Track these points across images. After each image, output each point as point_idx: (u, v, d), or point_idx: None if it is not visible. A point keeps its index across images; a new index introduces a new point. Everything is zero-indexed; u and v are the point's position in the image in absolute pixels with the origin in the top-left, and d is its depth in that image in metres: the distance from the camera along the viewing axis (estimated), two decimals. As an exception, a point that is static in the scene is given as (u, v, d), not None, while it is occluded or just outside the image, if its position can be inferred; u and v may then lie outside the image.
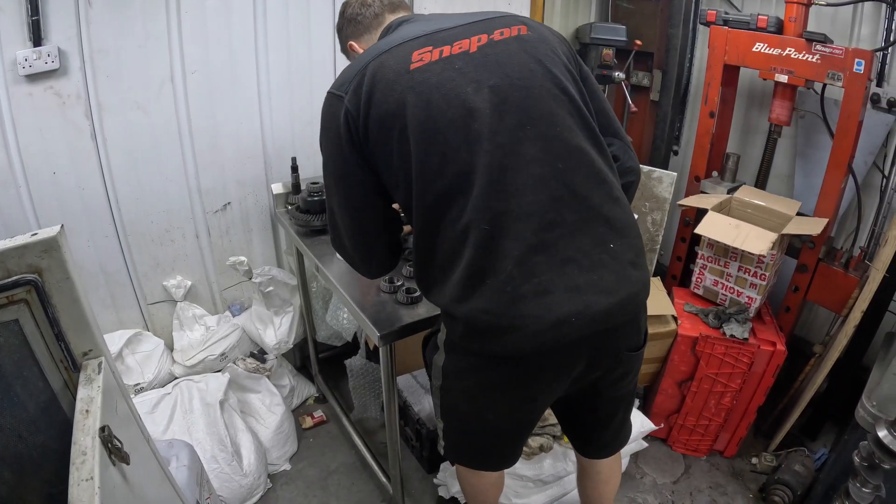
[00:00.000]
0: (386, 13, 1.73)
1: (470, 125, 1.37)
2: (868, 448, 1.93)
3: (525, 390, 1.58)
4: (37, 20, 2.08)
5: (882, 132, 2.85)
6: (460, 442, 1.82)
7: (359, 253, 1.71)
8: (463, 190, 1.38)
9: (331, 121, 1.50)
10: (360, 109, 1.43)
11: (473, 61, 1.42)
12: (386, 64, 1.43)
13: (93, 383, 1.19)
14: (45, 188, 2.33)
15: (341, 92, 1.47)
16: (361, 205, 1.60)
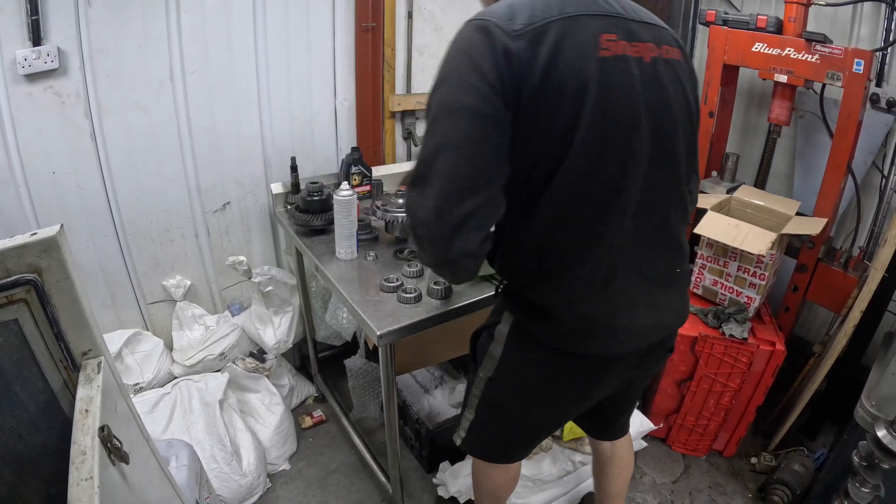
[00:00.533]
0: None
1: (633, 143, 1.35)
2: (867, 448, 1.94)
3: (585, 389, 1.65)
4: (36, 20, 2.08)
5: (881, 132, 2.85)
6: (490, 435, 1.82)
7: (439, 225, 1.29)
8: (604, 201, 1.36)
9: (483, 51, 1.25)
10: (534, 62, 1.24)
11: (646, 74, 1.36)
12: (573, 34, 1.27)
13: (92, 383, 1.19)
14: (45, 188, 2.33)
15: (507, 27, 1.25)
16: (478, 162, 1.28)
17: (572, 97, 1.25)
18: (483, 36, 1.26)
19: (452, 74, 1.28)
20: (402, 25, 2.98)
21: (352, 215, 2.25)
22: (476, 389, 1.72)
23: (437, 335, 2.39)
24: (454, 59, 1.29)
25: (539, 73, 1.24)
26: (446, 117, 1.26)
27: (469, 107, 1.23)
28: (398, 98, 3.07)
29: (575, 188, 1.32)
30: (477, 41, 1.26)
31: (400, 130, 3.22)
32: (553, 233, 1.38)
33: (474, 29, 1.29)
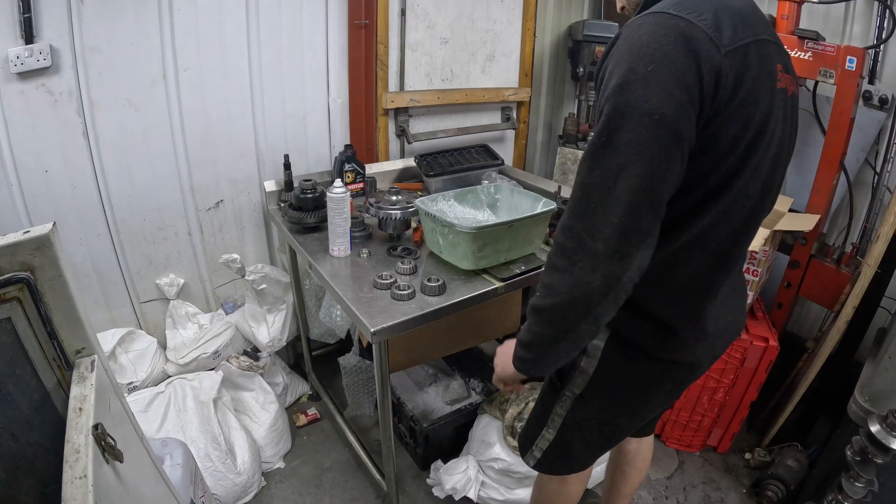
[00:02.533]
0: None
1: (775, 175, 1.36)
2: (860, 443, 1.95)
3: (675, 392, 1.68)
4: (28, 17, 2.07)
5: (874, 129, 2.86)
6: (571, 450, 1.74)
7: (624, 246, 1.17)
8: (744, 225, 1.36)
9: (690, 61, 1.12)
10: (734, 87, 1.16)
11: (785, 106, 1.32)
12: (764, 63, 1.22)
13: (86, 381, 1.18)
14: (37, 186, 2.32)
15: (716, 39, 1.14)
16: (664, 176, 1.16)
17: (755, 130, 1.21)
18: (690, 42, 1.12)
19: (651, 78, 1.12)
20: (395, 22, 2.98)
21: (345, 213, 2.25)
22: (560, 408, 1.64)
23: (432, 332, 2.39)
24: (652, 58, 1.12)
25: (736, 100, 1.17)
26: (639, 124, 1.12)
27: (668, 119, 1.11)
28: (391, 95, 3.07)
29: (726, 213, 1.29)
30: (683, 46, 1.12)
31: (393, 128, 3.22)
32: (695, 252, 1.34)
33: (679, 30, 1.13)
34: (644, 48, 1.12)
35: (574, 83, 3.90)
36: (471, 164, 3.13)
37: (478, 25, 3.32)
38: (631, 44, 1.15)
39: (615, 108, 1.13)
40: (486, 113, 3.61)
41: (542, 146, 4.17)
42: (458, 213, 2.37)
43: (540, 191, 2.76)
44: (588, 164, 1.18)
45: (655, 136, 1.12)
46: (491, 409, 2.66)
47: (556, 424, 1.67)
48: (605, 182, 1.15)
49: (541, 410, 1.73)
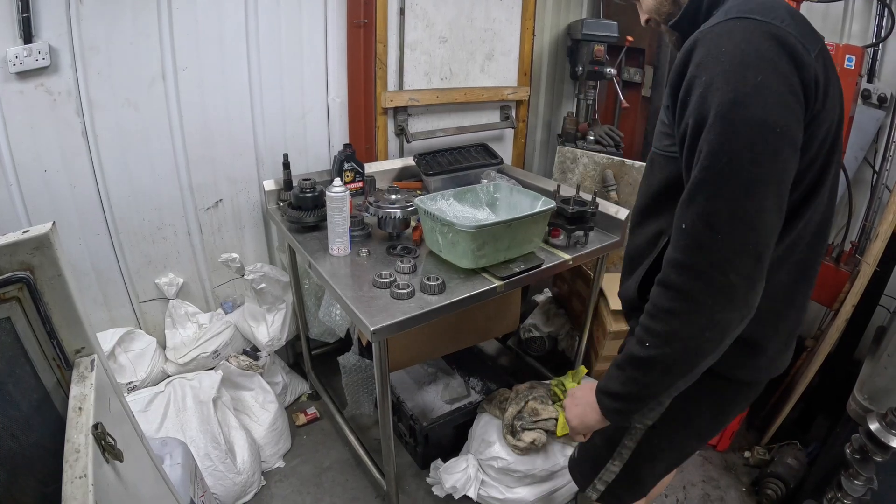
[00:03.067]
0: None
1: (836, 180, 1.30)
2: (860, 441, 1.95)
3: (744, 409, 1.65)
4: (27, 17, 2.07)
5: (873, 128, 2.86)
6: (637, 480, 1.66)
7: (759, 267, 1.11)
8: (822, 230, 1.31)
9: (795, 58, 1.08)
10: (823, 95, 1.13)
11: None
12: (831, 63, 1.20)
13: (85, 381, 1.18)
14: (37, 186, 2.32)
15: (807, 45, 1.11)
16: (787, 190, 1.12)
17: (834, 133, 1.19)
18: (789, 48, 1.08)
19: (763, 89, 1.05)
20: (394, 22, 2.97)
21: (344, 212, 2.25)
22: (629, 441, 1.55)
23: (431, 331, 2.40)
24: (759, 67, 1.06)
25: (826, 104, 1.13)
26: (764, 139, 1.05)
27: (789, 131, 1.07)
28: (390, 94, 3.07)
29: (808, 223, 1.25)
30: (783, 53, 1.07)
31: (392, 127, 3.22)
32: (783, 265, 1.28)
33: (774, 36, 1.08)
34: (746, 57, 1.06)
35: (573, 82, 3.90)
36: (470, 163, 3.13)
37: (477, 24, 3.31)
38: (728, 52, 1.08)
39: (733, 124, 1.06)
40: (485, 112, 3.61)
41: (541, 145, 4.17)
42: (458, 211, 2.37)
43: (539, 189, 2.76)
44: (708, 192, 1.10)
45: (780, 150, 1.07)
46: (490, 408, 2.66)
47: (623, 457, 1.59)
48: (734, 208, 1.07)
49: (603, 444, 1.63)
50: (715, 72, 1.07)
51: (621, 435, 1.56)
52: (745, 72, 1.05)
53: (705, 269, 1.10)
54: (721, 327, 1.13)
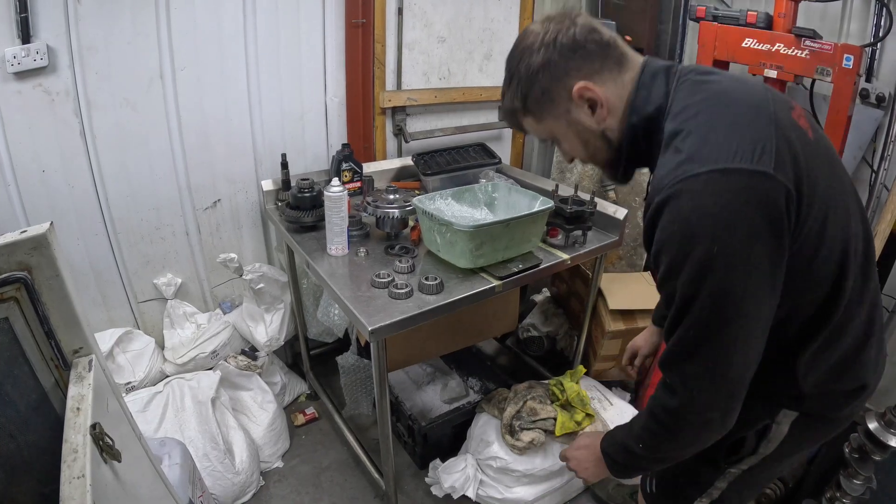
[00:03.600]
0: (619, 45, 1.25)
1: (849, 214, 1.23)
2: (859, 440, 1.95)
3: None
4: (25, 17, 2.07)
5: (871, 127, 2.86)
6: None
7: (734, 401, 1.19)
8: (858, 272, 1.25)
9: (773, 215, 1.04)
10: (797, 186, 1.07)
11: (818, 155, 1.20)
12: (784, 123, 1.13)
13: (83, 381, 1.18)
14: (35, 186, 2.32)
15: (767, 167, 1.03)
16: (766, 325, 1.14)
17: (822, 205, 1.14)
18: (749, 192, 1.03)
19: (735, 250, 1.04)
20: (392, 21, 2.97)
21: (342, 211, 2.25)
22: (721, 482, 1.52)
23: (429, 331, 2.40)
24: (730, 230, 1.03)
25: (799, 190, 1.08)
26: (738, 310, 1.09)
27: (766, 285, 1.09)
28: (389, 94, 3.07)
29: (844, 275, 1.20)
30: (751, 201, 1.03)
31: (390, 127, 3.22)
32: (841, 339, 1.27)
33: (753, 194, 1.03)
34: (727, 228, 1.03)
35: (572, 82, 3.90)
36: (468, 162, 3.13)
37: (475, 24, 3.31)
38: (709, 219, 1.04)
39: (711, 296, 1.07)
40: (483, 112, 3.61)
41: (539, 145, 4.17)
42: (456, 211, 2.37)
43: (537, 189, 2.76)
44: (685, 356, 1.17)
45: (759, 297, 1.09)
46: (489, 408, 2.66)
47: (712, 496, 1.55)
48: (710, 367, 1.14)
49: (690, 484, 1.58)
50: (696, 242, 1.05)
51: (714, 478, 1.53)
52: (728, 242, 1.04)
53: (688, 414, 1.21)
54: (702, 443, 1.26)
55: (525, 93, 1.27)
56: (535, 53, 1.21)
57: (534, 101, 1.27)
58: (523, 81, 1.25)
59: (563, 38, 1.19)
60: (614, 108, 1.25)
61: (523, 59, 1.23)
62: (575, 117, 1.26)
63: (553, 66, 1.21)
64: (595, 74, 1.22)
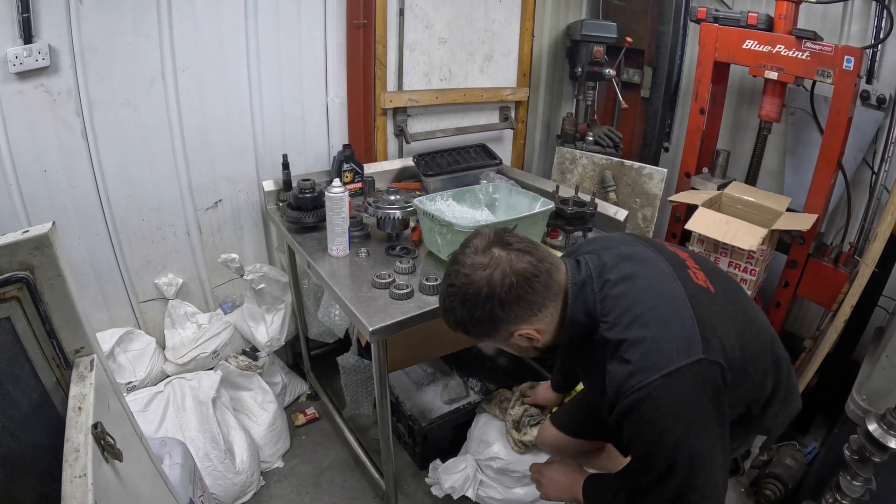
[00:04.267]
0: (552, 275, 1.42)
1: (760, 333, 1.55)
2: (858, 442, 1.95)
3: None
4: (27, 17, 2.07)
5: (871, 129, 2.87)
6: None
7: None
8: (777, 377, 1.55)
9: (713, 392, 1.30)
10: (723, 351, 1.33)
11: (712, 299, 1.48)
12: (693, 295, 1.40)
13: (85, 380, 1.18)
14: (36, 186, 2.32)
15: (699, 354, 1.29)
16: (727, 467, 1.39)
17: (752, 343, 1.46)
18: (702, 380, 1.29)
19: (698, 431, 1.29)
20: (393, 22, 2.97)
21: (343, 212, 2.26)
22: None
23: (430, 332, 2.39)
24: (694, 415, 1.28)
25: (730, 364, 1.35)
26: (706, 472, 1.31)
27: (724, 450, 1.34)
28: (390, 95, 3.07)
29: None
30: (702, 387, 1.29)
31: (391, 127, 3.22)
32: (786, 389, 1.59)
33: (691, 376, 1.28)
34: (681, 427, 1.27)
35: (572, 83, 3.90)
36: (469, 163, 3.13)
37: (476, 25, 3.32)
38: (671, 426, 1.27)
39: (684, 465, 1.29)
40: (484, 113, 3.61)
41: (540, 146, 4.17)
42: (457, 212, 2.37)
43: (538, 190, 2.76)
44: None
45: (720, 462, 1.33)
46: (489, 408, 2.66)
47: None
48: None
49: None
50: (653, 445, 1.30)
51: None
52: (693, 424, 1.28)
53: None
54: None
55: (469, 329, 1.44)
56: (479, 307, 1.36)
57: (477, 333, 1.46)
58: (468, 323, 1.42)
59: (502, 291, 1.34)
60: (548, 331, 1.45)
61: (466, 304, 1.38)
62: (514, 343, 1.47)
63: (496, 318, 1.38)
64: (532, 317, 1.40)
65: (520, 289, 1.35)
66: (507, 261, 1.35)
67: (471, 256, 1.38)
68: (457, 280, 1.39)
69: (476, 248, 1.39)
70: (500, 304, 1.36)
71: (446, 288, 1.43)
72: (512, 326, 1.41)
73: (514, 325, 1.40)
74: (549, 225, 2.42)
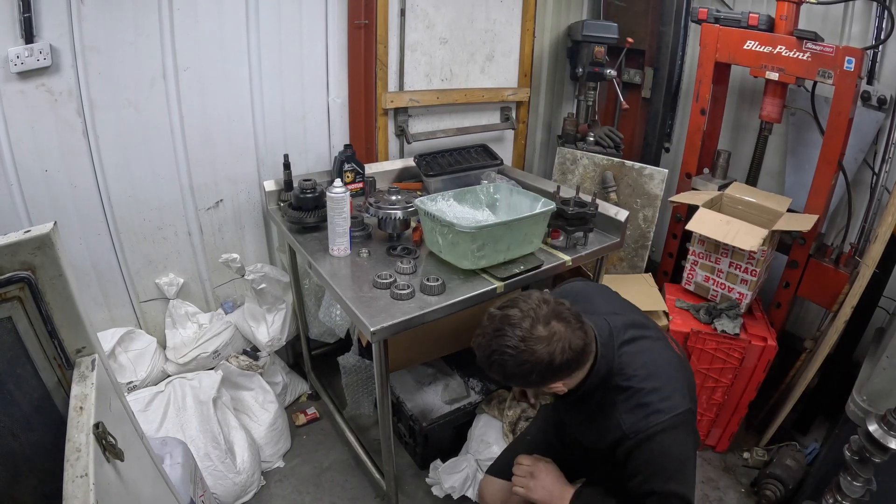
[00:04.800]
0: (588, 342, 1.62)
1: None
2: (859, 442, 1.95)
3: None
4: (29, 17, 2.07)
5: (872, 129, 2.87)
6: None
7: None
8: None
9: (692, 430, 1.68)
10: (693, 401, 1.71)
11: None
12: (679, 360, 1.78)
13: (86, 380, 1.19)
14: (37, 186, 2.32)
15: (688, 405, 1.64)
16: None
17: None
18: (691, 427, 1.67)
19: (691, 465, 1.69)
20: (394, 23, 2.97)
21: (344, 212, 2.26)
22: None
23: (431, 332, 2.40)
24: (689, 457, 1.67)
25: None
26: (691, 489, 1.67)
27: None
28: (391, 95, 3.07)
29: None
30: (690, 434, 1.66)
31: (392, 128, 3.22)
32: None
33: (683, 427, 1.62)
34: (681, 458, 1.64)
35: (573, 83, 3.90)
36: (470, 163, 3.13)
37: (477, 26, 3.31)
38: (676, 457, 1.62)
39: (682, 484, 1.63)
40: (485, 113, 3.61)
41: (541, 146, 4.17)
42: (458, 212, 2.37)
43: (539, 191, 2.76)
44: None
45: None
46: (490, 409, 2.66)
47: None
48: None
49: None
50: (670, 475, 1.61)
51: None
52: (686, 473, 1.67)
53: None
54: None
55: (512, 381, 1.66)
56: (535, 373, 1.53)
57: (518, 384, 1.80)
58: (515, 378, 1.60)
59: (559, 364, 1.53)
60: (572, 384, 1.67)
61: (522, 366, 1.52)
62: (541, 391, 1.85)
63: (545, 381, 1.60)
64: (569, 377, 1.63)
65: (573, 362, 1.56)
66: (566, 338, 1.52)
67: (533, 326, 1.51)
68: (514, 344, 1.50)
69: (537, 318, 1.52)
70: (554, 373, 1.56)
71: (502, 347, 1.51)
72: (552, 384, 1.63)
73: (552, 383, 1.62)
74: (550, 225, 2.42)
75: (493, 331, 1.54)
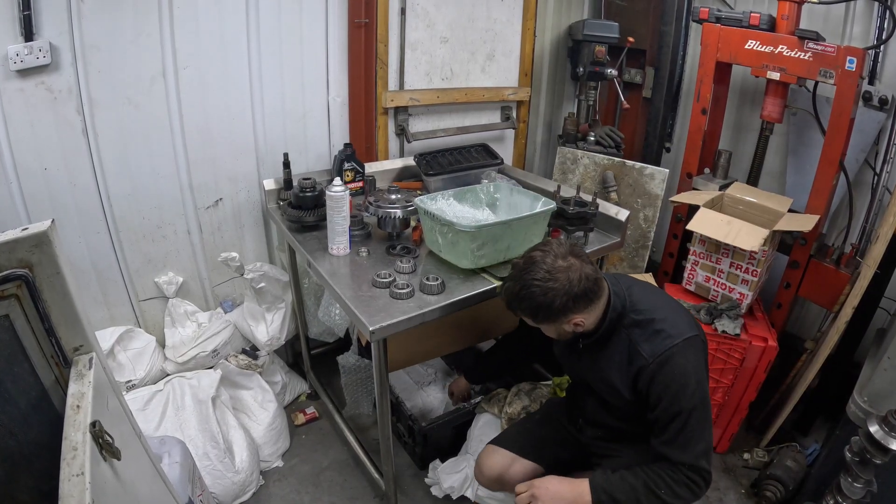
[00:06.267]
0: (600, 279, 1.83)
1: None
2: (859, 443, 1.94)
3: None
4: (28, 15, 2.07)
5: (873, 130, 2.86)
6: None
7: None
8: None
9: (703, 349, 1.87)
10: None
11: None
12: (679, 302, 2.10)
13: (84, 379, 1.18)
14: (37, 184, 2.32)
15: (695, 331, 1.85)
16: None
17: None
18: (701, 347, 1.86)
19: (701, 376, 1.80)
20: (395, 22, 2.97)
21: (344, 211, 2.25)
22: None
23: (431, 331, 2.39)
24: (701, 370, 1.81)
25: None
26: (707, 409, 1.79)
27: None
28: (391, 94, 3.07)
29: None
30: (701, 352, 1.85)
31: (393, 127, 3.22)
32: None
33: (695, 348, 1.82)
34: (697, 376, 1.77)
35: (574, 83, 3.90)
36: (470, 163, 3.13)
37: (478, 25, 3.31)
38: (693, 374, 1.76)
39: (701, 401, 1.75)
40: (485, 112, 3.61)
41: (541, 146, 4.17)
42: (458, 212, 2.36)
43: (539, 190, 2.76)
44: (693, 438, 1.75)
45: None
46: (489, 408, 2.66)
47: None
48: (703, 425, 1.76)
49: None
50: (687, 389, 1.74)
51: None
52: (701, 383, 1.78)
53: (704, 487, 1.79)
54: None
55: (539, 314, 1.78)
56: (559, 298, 1.72)
57: (544, 318, 1.80)
58: (542, 309, 1.75)
59: (577, 289, 1.72)
60: (591, 320, 1.84)
61: (547, 295, 1.72)
62: (563, 329, 1.85)
63: (566, 309, 1.75)
64: (586, 309, 1.80)
65: (590, 292, 1.76)
66: (582, 269, 1.74)
67: (555, 260, 1.73)
68: (541, 276, 1.72)
69: (557, 254, 1.75)
70: (575, 301, 1.74)
71: (530, 281, 1.73)
72: (572, 315, 1.78)
73: (574, 314, 1.78)
74: (551, 225, 2.41)
75: (520, 271, 1.77)
